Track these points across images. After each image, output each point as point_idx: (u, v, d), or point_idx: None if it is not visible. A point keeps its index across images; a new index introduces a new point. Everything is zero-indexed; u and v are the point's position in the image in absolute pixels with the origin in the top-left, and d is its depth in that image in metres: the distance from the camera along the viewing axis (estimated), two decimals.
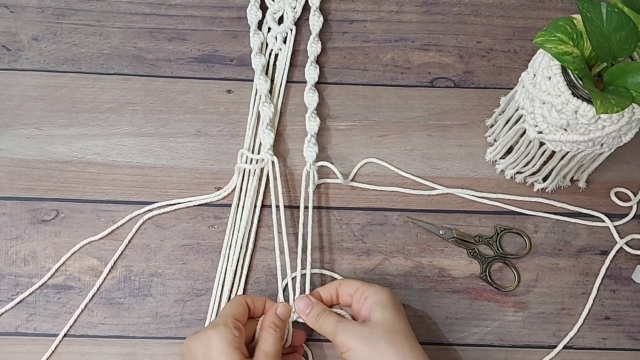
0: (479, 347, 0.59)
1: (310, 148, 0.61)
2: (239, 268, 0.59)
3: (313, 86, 0.64)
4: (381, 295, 0.52)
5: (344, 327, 0.51)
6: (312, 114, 0.63)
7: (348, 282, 0.55)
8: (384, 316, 0.51)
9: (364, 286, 0.53)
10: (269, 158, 0.60)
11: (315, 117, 0.63)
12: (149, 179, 0.62)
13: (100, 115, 0.64)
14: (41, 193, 0.61)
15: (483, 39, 0.68)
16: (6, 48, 0.66)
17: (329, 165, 0.61)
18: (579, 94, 0.50)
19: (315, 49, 0.66)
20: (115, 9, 0.68)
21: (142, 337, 0.58)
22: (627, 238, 0.61)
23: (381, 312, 0.51)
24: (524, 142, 0.57)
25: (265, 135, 0.61)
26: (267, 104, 0.62)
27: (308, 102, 0.64)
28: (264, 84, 0.63)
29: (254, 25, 0.67)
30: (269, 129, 0.61)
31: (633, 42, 0.47)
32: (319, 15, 0.67)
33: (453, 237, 0.61)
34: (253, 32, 0.66)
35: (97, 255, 0.60)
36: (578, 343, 0.59)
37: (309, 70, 0.65)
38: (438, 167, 0.64)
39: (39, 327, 0.58)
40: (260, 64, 0.64)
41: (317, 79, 0.65)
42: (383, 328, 0.50)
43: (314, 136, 0.62)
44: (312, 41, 0.66)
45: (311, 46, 0.66)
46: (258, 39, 0.66)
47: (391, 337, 0.49)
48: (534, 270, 0.61)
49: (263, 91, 0.63)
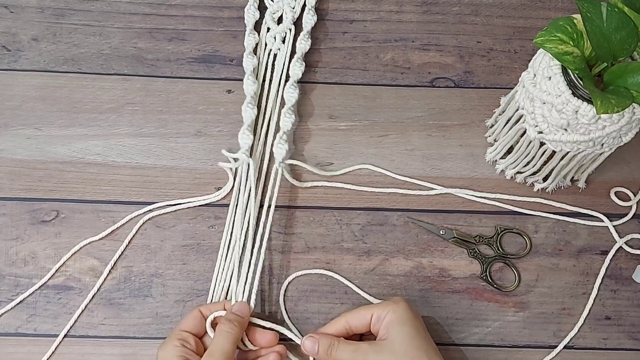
0: (480, 347, 0.59)
1: (280, 145, 0.60)
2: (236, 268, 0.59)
3: (295, 82, 0.64)
4: (398, 313, 0.50)
5: (363, 353, 0.49)
6: (289, 110, 0.62)
7: (357, 313, 0.52)
8: (403, 333, 0.49)
9: (378, 309, 0.51)
10: (244, 159, 0.59)
11: (292, 114, 0.62)
12: (149, 180, 0.62)
13: (100, 116, 0.64)
14: (41, 193, 0.61)
15: (483, 39, 0.68)
16: (6, 48, 0.66)
17: (299, 163, 0.60)
18: (579, 94, 0.50)
19: (305, 46, 0.65)
20: (115, 9, 0.68)
21: (142, 338, 0.58)
22: (627, 238, 0.61)
23: (400, 329, 0.49)
24: (524, 142, 0.57)
25: (244, 137, 0.60)
26: (250, 106, 0.62)
27: (287, 97, 0.63)
28: (251, 85, 0.63)
29: (250, 25, 0.66)
30: (248, 131, 0.61)
31: (633, 42, 0.47)
32: (313, 13, 0.67)
33: (453, 237, 0.61)
34: (249, 33, 0.66)
35: (97, 255, 0.60)
36: (579, 343, 0.59)
37: (294, 66, 0.64)
38: (438, 167, 0.64)
39: (39, 327, 0.58)
40: (251, 65, 0.64)
41: (300, 75, 0.64)
42: (404, 345, 0.48)
43: (285, 133, 0.61)
44: (303, 38, 0.66)
45: (301, 43, 0.65)
46: (253, 40, 0.66)
47: (412, 353, 0.48)
48: (535, 270, 0.61)
49: (249, 92, 0.63)
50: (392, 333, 0.49)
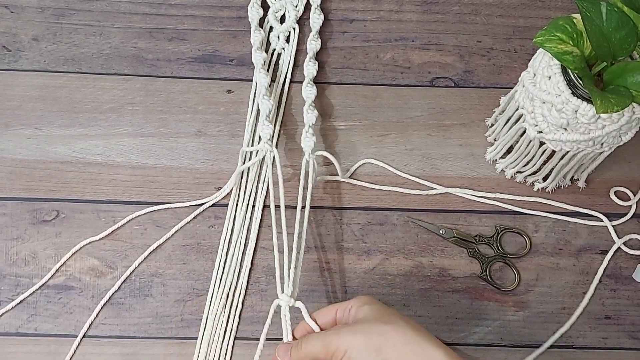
0: (480, 347, 0.59)
1: (308, 138, 0.60)
2: (237, 268, 0.59)
3: (311, 81, 0.64)
4: (363, 299, 0.49)
5: (335, 331, 0.48)
6: (310, 107, 0.62)
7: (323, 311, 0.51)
8: (372, 309, 0.48)
9: (342, 304, 0.50)
10: (267, 149, 0.59)
11: (313, 109, 0.62)
12: (149, 179, 0.62)
13: (101, 116, 0.64)
14: (41, 193, 0.61)
15: (483, 39, 0.68)
16: (6, 48, 0.66)
17: (327, 155, 0.60)
18: (579, 94, 0.50)
19: (315, 46, 0.66)
20: (115, 9, 0.68)
21: (142, 337, 0.58)
22: (625, 238, 0.61)
23: (369, 307, 0.48)
24: (524, 141, 0.57)
25: (264, 127, 0.60)
26: (266, 97, 0.62)
27: (306, 95, 0.63)
28: (264, 78, 0.63)
29: (254, 22, 0.67)
30: (268, 121, 0.61)
31: (633, 42, 0.47)
32: (320, 12, 0.67)
33: (453, 236, 0.61)
34: (254, 29, 0.66)
35: (98, 255, 0.60)
36: (578, 342, 0.59)
37: (307, 66, 0.65)
38: (438, 166, 0.64)
39: (39, 327, 0.58)
40: (261, 59, 0.64)
41: (315, 74, 0.65)
42: (374, 316, 0.47)
43: (311, 127, 0.61)
44: (312, 38, 0.66)
45: (311, 43, 0.66)
46: (259, 35, 0.66)
47: (386, 319, 0.46)
48: (534, 269, 0.61)
49: (263, 84, 0.63)
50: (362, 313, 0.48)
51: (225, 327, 0.58)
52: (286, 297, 0.52)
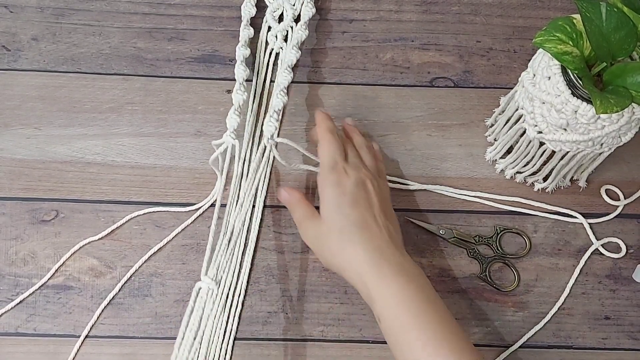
0: (479, 347, 0.59)
1: (270, 123, 0.58)
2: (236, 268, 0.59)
3: (289, 67, 0.63)
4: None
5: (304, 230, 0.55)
6: (281, 92, 0.61)
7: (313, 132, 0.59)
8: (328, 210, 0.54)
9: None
10: (230, 141, 0.58)
11: (284, 95, 0.61)
12: (149, 179, 0.62)
13: (100, 115, 0.64)
14: (41, 193, 0.61)
15: (483, 39, 0.68)
16: (6, 48, 0.66)
17: (289, 142, 0.58)
18: (579, 94, 0.50)
19: (301, 35, 0.65)
20: (115, 9, 0.68)
21: (142, 337, 0.58)
22: (604, 240, 0.61)
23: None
24: (523, 141, 0.57)
25: (231, 119, 0.59)
26: (240, 91, 0.61)
27: (280, 80, 0.62)
28: (242, 72, 0.62)
29: (245, 19, 0.66)
30: (236, 114, 0.60)
31: (632, 42, 0.47)
32: (312, 5, 0.66)
33: (453, 237, 0.61)
34: (244, 26, 0.66)
35: (97, 255, 0.60)
36: (578, 343, 0.59)
37: (289, 53, 0.64)
38: (438, 166, 0.64)
39: (38, 327, 0.58)
40: (242, 55, 0.63)
41: (294, 61, 0.64)
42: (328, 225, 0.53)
43: (276, 112, 0.59)
44: (300, 28, 0.65)
45: (298, 32, 0.65)
46: (247, 32, 0.65)
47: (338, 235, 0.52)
48: (534, 270, 0.61)
49: (239, 79, 0.62)
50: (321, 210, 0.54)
51: (225, 327, 0.58)
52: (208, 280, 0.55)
